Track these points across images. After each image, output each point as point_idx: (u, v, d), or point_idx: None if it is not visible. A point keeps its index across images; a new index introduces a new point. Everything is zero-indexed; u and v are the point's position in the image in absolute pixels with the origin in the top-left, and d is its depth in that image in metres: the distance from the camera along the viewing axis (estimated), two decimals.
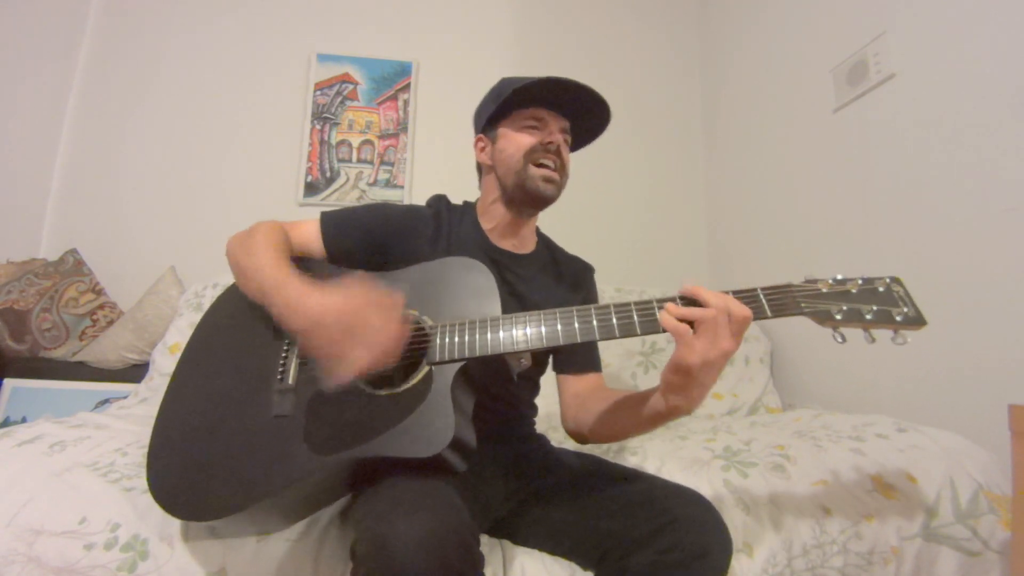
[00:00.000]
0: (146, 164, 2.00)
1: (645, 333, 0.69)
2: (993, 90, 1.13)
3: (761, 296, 0.68)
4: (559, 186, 0.94)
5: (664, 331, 0.66)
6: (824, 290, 0.69)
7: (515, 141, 0.94)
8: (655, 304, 0.69)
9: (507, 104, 0.94)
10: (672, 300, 0.68)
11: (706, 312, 0.64)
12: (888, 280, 0.69)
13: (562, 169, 0.94)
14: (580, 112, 0.96)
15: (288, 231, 0.90)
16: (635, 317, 0.69)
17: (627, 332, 0.69)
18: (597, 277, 1.09)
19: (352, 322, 0.66)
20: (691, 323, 0.65)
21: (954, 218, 1.20)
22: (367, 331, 0.65)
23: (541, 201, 0.94)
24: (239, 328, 0.84)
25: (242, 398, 0.76)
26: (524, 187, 0.92)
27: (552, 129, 0.94)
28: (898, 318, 0.66)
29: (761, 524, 0.86)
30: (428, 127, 2.16)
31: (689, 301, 0.67)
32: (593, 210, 2.18)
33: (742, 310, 0.64)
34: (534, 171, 0.92)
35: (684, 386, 0.66)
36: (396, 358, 0.67)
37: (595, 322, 0.71)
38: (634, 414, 0.77)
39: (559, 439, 1.05)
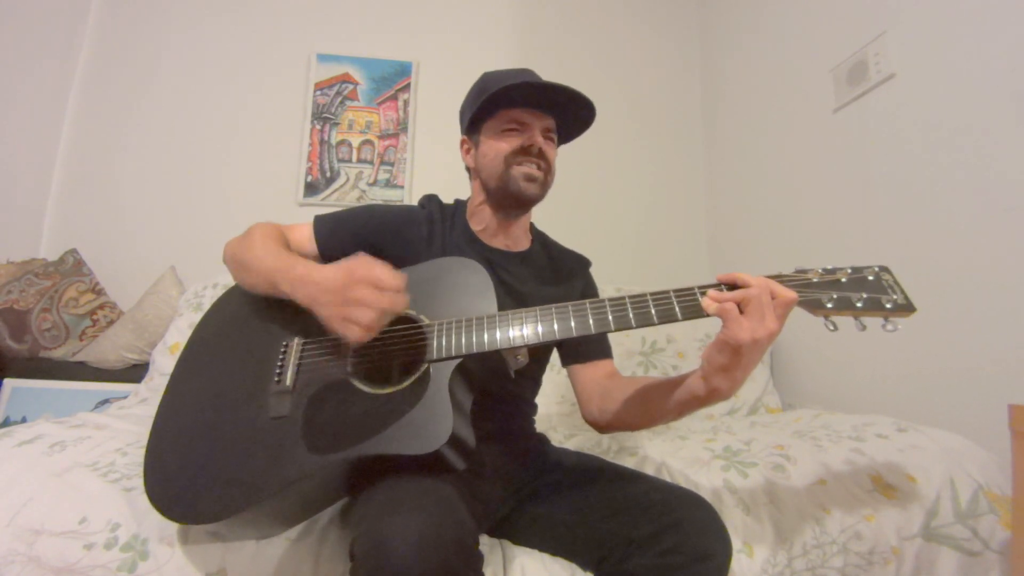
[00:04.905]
0: (146, 164, 2.00)
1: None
2: (993, 90, 1.13)
3: None
4: (543, 184, 0.92)
5: (707, 316, 0.66)
6: (814, 279, 0.70)
7: (495, 147, 0.92)
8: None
9: (488, 104, 0.91)
10: (715, 287, 0.69)
11: (750, 291, 0.65)
12: (877, 269, 0.70)
13: (547, 169, 0.92)
14: (564, 107, 0.93)
15: (284, 233, 0.91)
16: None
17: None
18: (597, 276, 1.08)
19: (356, 275, 0.68)
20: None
21: (954, 218, 1.20)
22: (370, 279, 0.67)
23: (525, 201, 0.92)
24: (237, 330, 0.84)
25: (239, 400, 0.76)
26: (507, 189, 0.91)
27: (534, 131, 0.91)
28: (888, 305, 0.67)
29: (761, 524, 0.86)
30: (428, 127, 2.16)
31: (729, 289, 0.68)
32: (593, 210, 2.18)
33: (787, 292, 0.65)
34: (516, 170, 0.90)
35: (730, 366, 0.65)
36: (404, 303, 0.69)
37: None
38: (667, 399, 0.76)
39: (559, 439, 1.05)
